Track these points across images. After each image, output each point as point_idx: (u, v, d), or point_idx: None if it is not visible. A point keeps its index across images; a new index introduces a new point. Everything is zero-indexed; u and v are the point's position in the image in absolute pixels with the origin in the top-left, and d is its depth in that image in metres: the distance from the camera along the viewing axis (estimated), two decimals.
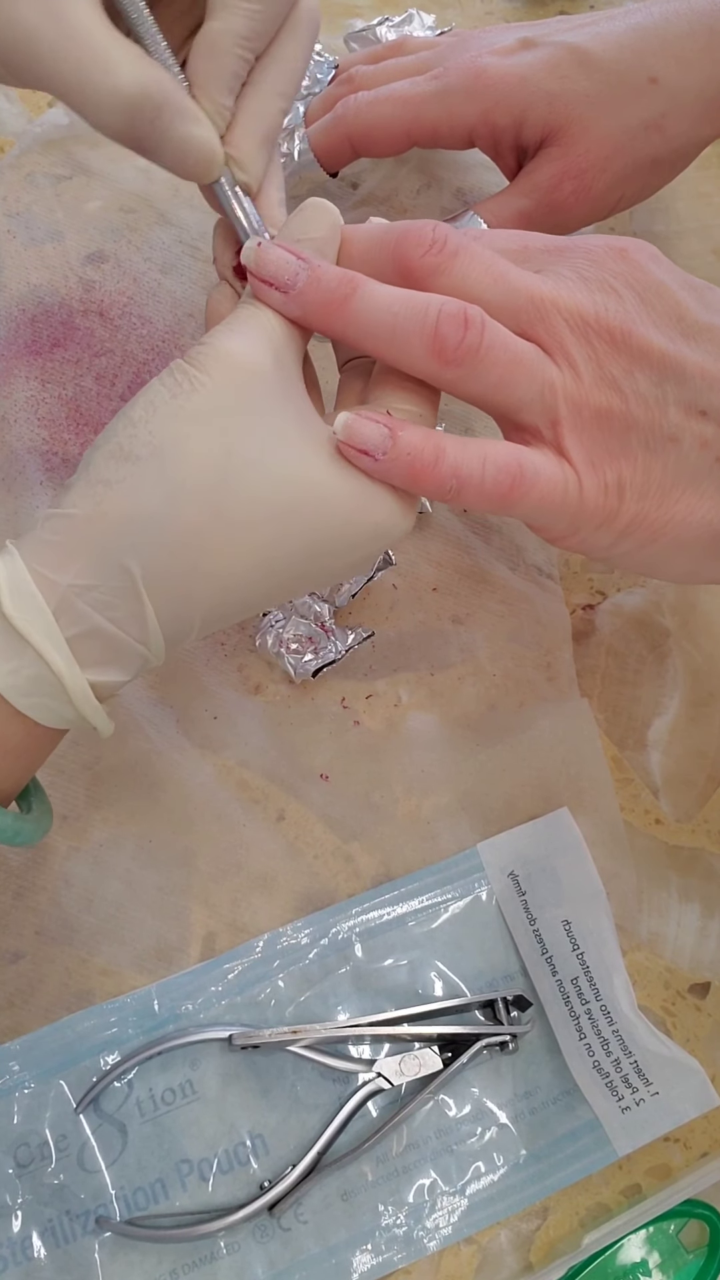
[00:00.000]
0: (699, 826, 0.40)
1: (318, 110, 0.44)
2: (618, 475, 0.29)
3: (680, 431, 0.29)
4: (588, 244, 0.31)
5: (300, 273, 0.28)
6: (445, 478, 0.28)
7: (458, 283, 0.29)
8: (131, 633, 0.28)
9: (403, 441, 0.28)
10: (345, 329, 0.28)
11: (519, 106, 0.39)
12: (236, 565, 0.28)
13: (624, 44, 0.39)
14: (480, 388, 0.29)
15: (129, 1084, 0.34)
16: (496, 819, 0.39)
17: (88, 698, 0.28)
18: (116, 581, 0.27)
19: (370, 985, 0.36)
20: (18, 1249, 0.32)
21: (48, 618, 0.26)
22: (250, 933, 0.37)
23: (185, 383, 0.27)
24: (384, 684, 0.40)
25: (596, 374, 0.29)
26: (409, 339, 0.28)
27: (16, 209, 0.45)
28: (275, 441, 0.27)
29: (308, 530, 0.28)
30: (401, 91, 0.41)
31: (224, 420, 0.27)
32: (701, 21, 0.39)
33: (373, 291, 0.28)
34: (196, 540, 0.27)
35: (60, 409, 0.42)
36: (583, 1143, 0.36)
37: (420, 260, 0.29)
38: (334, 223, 0.30)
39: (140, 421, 0.27)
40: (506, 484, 0.28)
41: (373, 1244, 0.34)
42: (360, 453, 0.28)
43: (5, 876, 0.36)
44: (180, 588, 0.27)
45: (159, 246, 0.45)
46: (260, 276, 0.28)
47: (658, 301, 0.30)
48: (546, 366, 0.29)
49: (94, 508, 0.27)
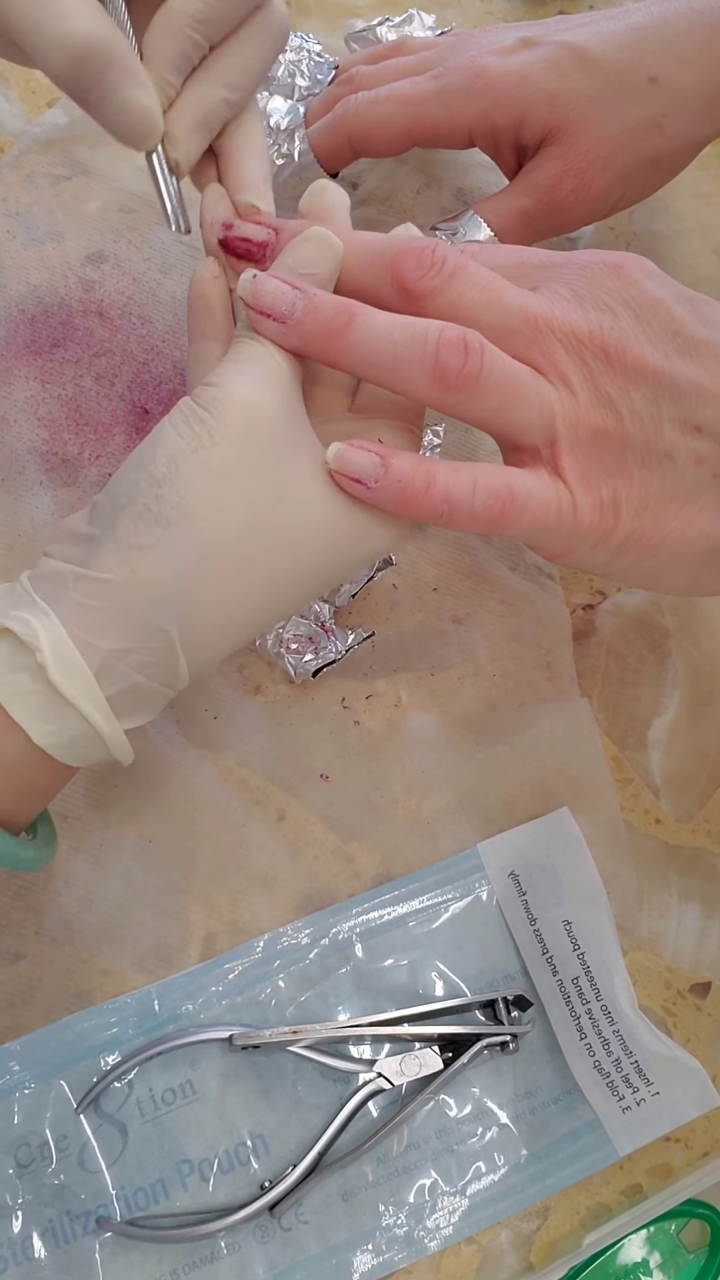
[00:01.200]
0: (699, 826, 0.40)
1: (318, 111, 0.44)
2: (613, 493, 0.29)
3: (675, 449, 0.29)
4: (583, 260, 0.31)
5: (297, 303, 0.28)
6: (436, 503, 0.28)
7: (454, 302, 0.29)
8: (164, 682, 0.29)
9: (394, 469, 0.28)
10: (344, 358, 0.29)
11: (519, 106, 0.39)
12: (254, 603, 0.29)
13: (624, 43, 0.39)
14: (480, 412, 0.29)
15: (129, 1084, 0.34)
16: (497, 819, 0.39)
17: (122, 744, 0.29)
18: (155, 643, 0.28)
19: (371, 985, 0.36)
20: (18, 1249, 0.32)
21: (90, 682, 0.27)
22: (250, 933, 0.37)
23: (205, 435, 0.27)
24: (384, 684, 0.40)
25: (592, 393, 0.29)
26: (409, 367, 0.28)
27: (16, 209, 0.45)
28: (289, 488, 0.28)
29: (317, 565, 0.29)
30: (401, 91, 0.41)
31: (246, 474, 0.28)
32: (701, 20, 0.39)
33: (371, 320, 0.28)
34: (225, 593, 0.28)
35: (60, 409, 0.42)
36: (583, 1142, 0.36)
37: (418, 283, 0.29)
38: (336, 259, 0.30)
39: (165, 481, 0.27)
40: (497, 508, 0.28)
41: (373, 1244, 0.34)
42: (353, 481, 0.29)
43: (5, 876, 0.36)
44: (210, 638, 0.29)
45: (158, 247, 0.45)
46: (257, 308, 0.29)
47: (653, 318, 0.30)
48: (543, 388, 0.29)
49: (130, 574, 0.27)
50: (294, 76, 0.47)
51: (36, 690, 0.27)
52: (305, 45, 0.48)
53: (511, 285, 0.30)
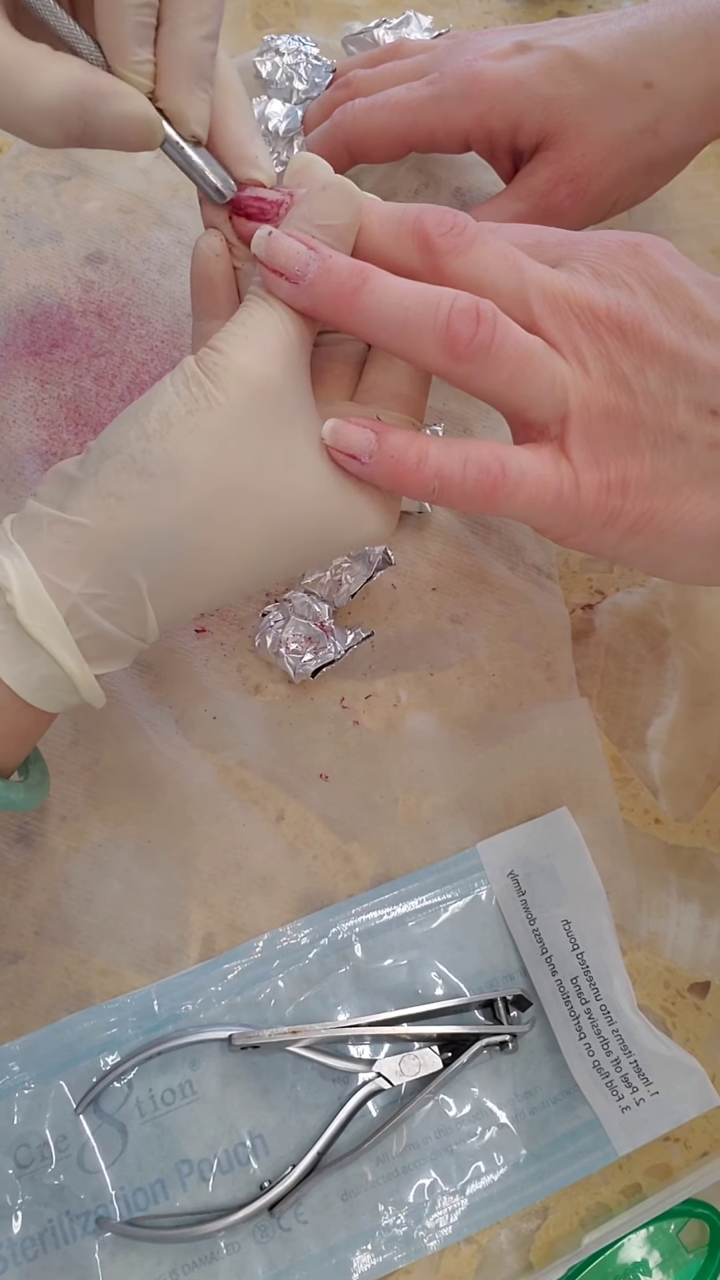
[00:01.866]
0: (699, 826, 0.40)
1: (316, 115, 0.44)
2: (622, 473, 0.29)
3: (689, 431, 0.29)
4: (603, 238, 0.31)
5: (311, 263, 0.28)
6: (428, 479, 0.28)
7: (472, 266, 0.29)
8: (132, 632, 0.29)
9: (387, 445, 0.28)
10: (355, 321, 0.28)
11: (514, 111, 0.39)
12: (232, 571, 0.29)
13: (619, 48, 0.39)
14: (490, 384, 0.29)
15: (129, 1084, 0.34)
16: (496, 819, 0.39)
17: (93, 687, 0.29)
18: (124, 592, 0.28)
19: (370, 985, 0.36)
20: (18, 1249, 0.32)
21: (60, 625, 0.28)
22: (250, 933, 0.37)
23: (202, 398, 0.27)
24: (383, 684, 0.40)
25: (606, 371, 0.29)
26: (420, 333, 0.28)
27: (15, 209, 0.45)
28: (281, 463, 0.28)
29: (301, 543, 0.30)
30: (398, 98, 0.41)
31: (237, 443, 0.27)
32: (696, 25, 0.39)
33: (384, 284, 0.28)
34: (199, 555, 0.28)
35: (59, 409, 0.42)
36: (583, 1142, 0.36)
37: (441, 238, 0.28)
38: (357, 208, 0.29)
39: (155, 435, 0.27)
40: (488, 484, 0.28)
41: (373, 1244, 0.34)
42: (348, 456, 0.29)
43: (5, 877, 0.36)
44: (180, 593, 0.29)
45: (157, 247, 0.45)
46: (270, 266, 0.28)
47: (671, 298, 0.30)
48: (556, 363, 0.29)
49: (106, 522, 0.27)
50: (291, 80, 0.48)
51: (6, 630, 0.27)
52: (303, 48, 0.48)
53: (530, 259, 0.30)
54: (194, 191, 0.33)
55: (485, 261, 0.29)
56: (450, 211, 0.29)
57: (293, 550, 0.30)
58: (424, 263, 0.29)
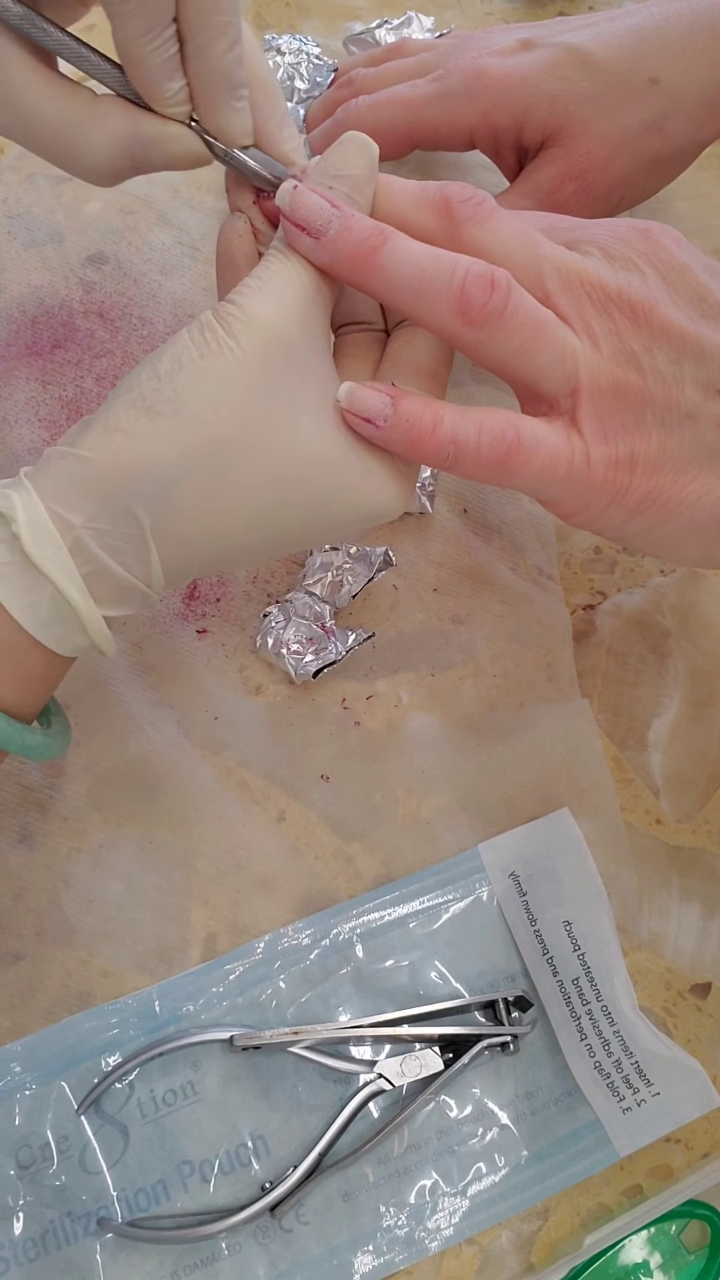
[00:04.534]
0: (699, 827, 0.40)
1: (318, 114, 0.44)
2: (630, 449, 0.29)
3: (697, 410, 0.30)
4: (612, 224, 0.31)
5: (334, 220, 0.28)
6: (443, 444, 0.28)
7: (490, 236, 0.29)
8: (137, 574, 0.29)
9: (403, 409, 0.29)
10: (372, 280, 0.29)
11: (520, 107, 0.39)
12: (236, 525, 0.29)
13: (624, 45, 0.39)
14: (502, 352, 0.29)
15: (130, 1085, 0.34)
16: (497, 819, 0.39)
17: (101, 628, 0.29)
18: (127, 529, 0.28)
19: (371, 986, 0.36)
20: (19, 1250, 0.32)
21: (64, 555, 0.27)
22: (251, 934, 0.37)
23: (214, 344, 0.27)
24: (384, 685, 0.40)
25: (616, 347, 0.29)
26: (435, 296, 0.28)
27: (17, 210, 0.45)
28: (292, 412, 0.28)
29: (308, 502, 0.29)
30: (402, 95, 0.41)
31: (246, 389, 0.28)
32: (701, 22, 0.39)
33: (403, 245, 0.28)
34: (202, 499, 0.28)
35: (61, 410, 0.42)
36: (584, 1143, 0.36)
37: (461, 205, 0.29)
38: (372, 158, 0.29)
39: (166, 376, 0.27)
40: (503, 451, 0.28)
41: (374, 1245, 0.34)
42: (363, 420, 0.29)
43: (5, 877, 0.36)
44: (183, 539, 0.29)
45: (159, 248, 0.45)
46: (293, 220, 0.28)
47: (680, 282, 0.30)
48: (568, 336, 0.29)
49: (110, 456, 0.27)
50: (293, 79, 0.47)
51: (12, 561, 0.27)
52: (304, 48, 0.48)
53: (545, 238, 0.30)
54: (195, 193, 0.34)
55: (503, 234, 0.29)
56: (471, 186, 0.29)
57: (300, 511, 0.29)
58: (443, 229, 0.29)
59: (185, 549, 0.29)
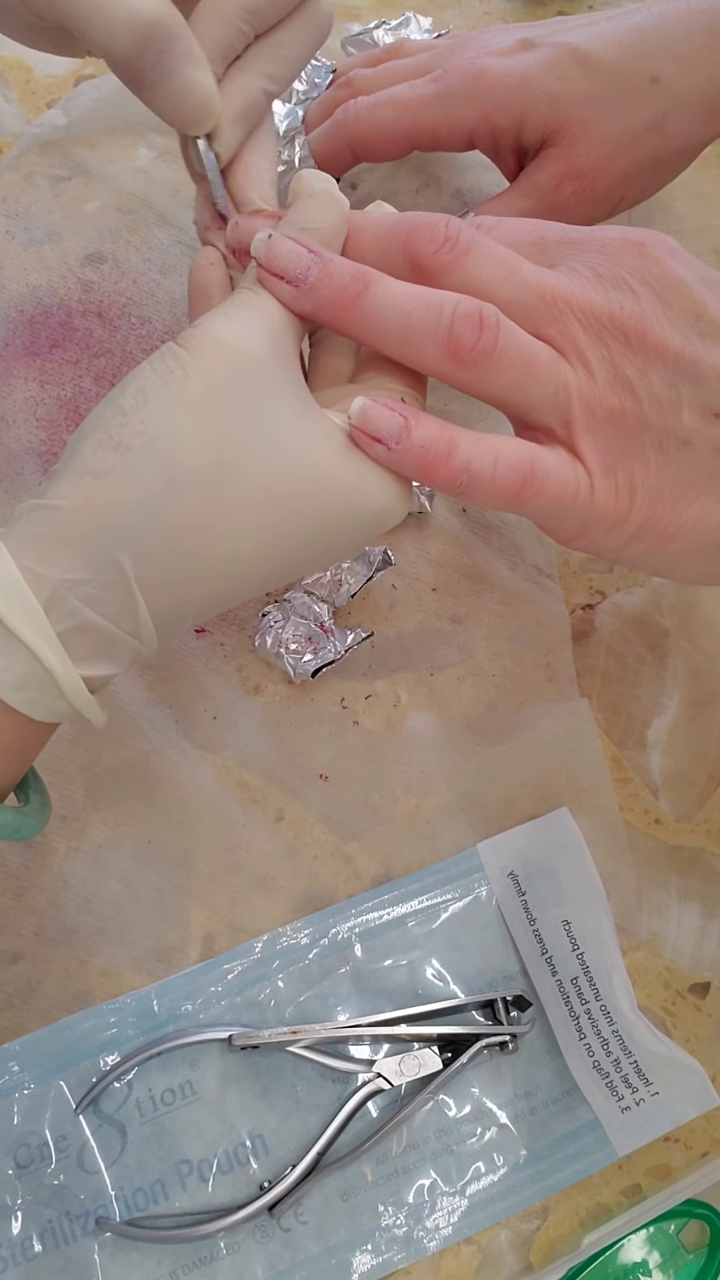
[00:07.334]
0: (699, 826, 0.40)
1: (316, 115, 0.44)
2: (629, 478, 0.29)
3: (694, 435, 0.29)
4: (605, 237, 0.30)
5: (312, 267, 0.28)
6: (457, 472, 0.28)
7: (469, 280, 0.28)
8: (123, 626, 0.27)
9: (417, 433, 0.27)
10: (357, 327, 0.28)
11: (519, 108, 0.39)
12: (234, 550, 0.27)
13: (624, 44, 0.39)
14: (494, 388, 0.28)
15: (129, 1084, 0.34)
16: (496, 819, 0.39)
17: (81, 692, 0.27)
18: (107, 576, 0.26)
19: (370, 985, 0.36)
20: (17, 1250, 0.32)
21: (38, 614, 0.26)
22: (250, 933, 0.37)
23: (177, 369, 0.26)
24: (383, 684, 0.40)
25: (610, 374, 0.29)
26: (423, 339, 0.27)
27: (15, 210, 0.45)
28: (272, 426, 0.27)
29: (309, 515, 0.28)
30: (401, 95, 0.41)
31: (219, 406, 0.26)
32: (701, 21, 0.39)
33: (386, 289, 0.28)
34: (193, 528, 0.26)
35: (59, 410, 0.42)
36: (583, 1143, 0.36)
37: (432, 257, 0.28)
38: (342, 213, 0.29)
39: (130, 410, 0.26)
40: (517, 483, 0.28)
41: (373, 1244, 0.34)
42: (373, 440, 0.27)
43: (4, 877, 0.36)
44: (174, 578, 0.27)
45: (157, 247, 0.45)
46: (270, 269, 0.28)
47: (675, 299, 0.29)
48: (560, 367, 0.29)
49: (82, 500, 0.26)
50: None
51: None
52: None
53: (528, 263, 0.29)
54: (194, 192, 0.34)
55: (482, 273, 0.28)
56: (441, 222, 0.28)
57: (298, 527, 0.28)
58: (418, 283, 0.28)
59: (176, 593, 0.27)
